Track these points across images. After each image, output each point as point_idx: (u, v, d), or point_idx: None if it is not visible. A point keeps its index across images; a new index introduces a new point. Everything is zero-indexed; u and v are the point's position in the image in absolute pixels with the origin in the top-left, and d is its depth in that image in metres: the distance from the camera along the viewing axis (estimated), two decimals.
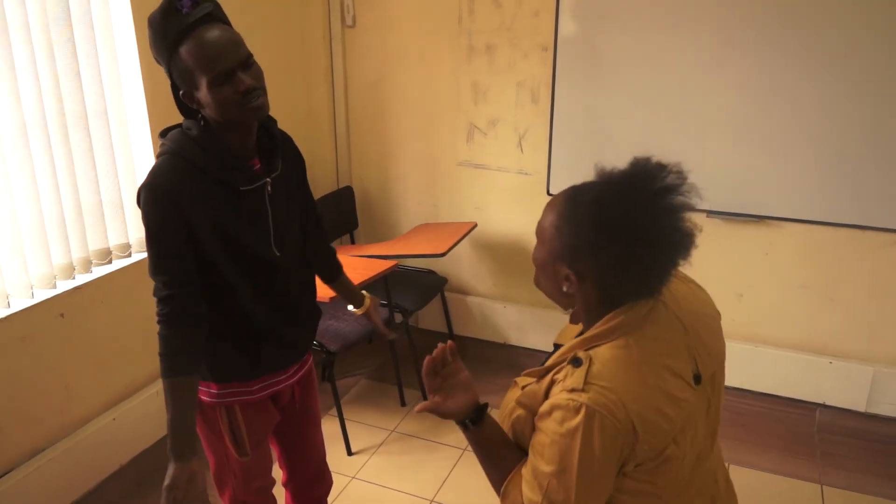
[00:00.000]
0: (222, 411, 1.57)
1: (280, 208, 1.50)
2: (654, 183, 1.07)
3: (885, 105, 2.50)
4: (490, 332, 3.42)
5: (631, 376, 1.06)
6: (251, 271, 1.47)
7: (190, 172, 1.37)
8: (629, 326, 1.10)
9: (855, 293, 2.78)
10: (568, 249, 1.10)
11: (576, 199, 1.11)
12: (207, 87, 1.30)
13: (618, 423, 1.03)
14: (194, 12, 1.29)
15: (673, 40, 2.69)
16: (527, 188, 3.15)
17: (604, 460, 1.04)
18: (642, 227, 1.05)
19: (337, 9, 3.18)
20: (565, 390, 1.05)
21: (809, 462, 2.67)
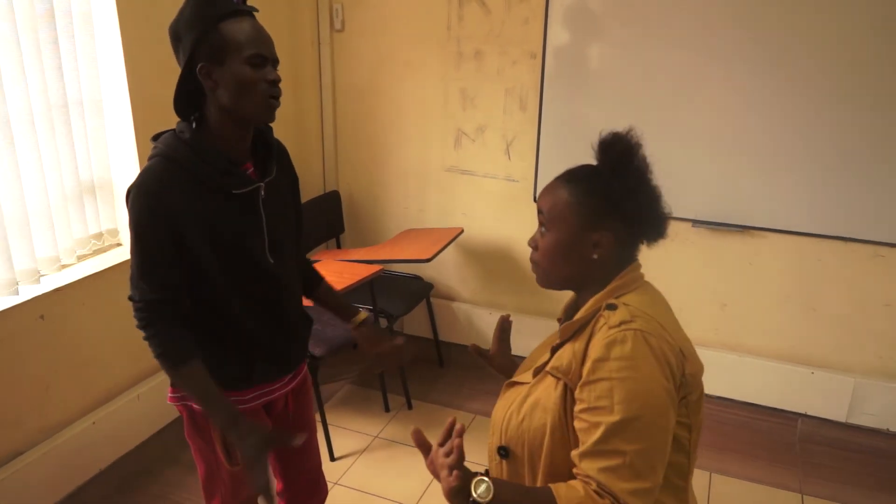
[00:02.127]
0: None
1: (273, 214, 1.48)
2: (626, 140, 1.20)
3: (869, 120, 2.53)
4: (475, 339, 3.42)
5: (663, 312, 1.17)
6: (244, 279, 1.45)
7: (181, 176, 1.36)
8: (643, 279, 1.21)
9: (837, 304, 2.80)
10: (596, 214, 1.17)
11: (577, 177, 1.21)
12: (240, 64, 1.33)
13: (668, 346, 1.09)
14: (244, 5, 1.36)
15: (660, 53, 2.71)
16: (514, 195, 3.16)
17: (668, 379, 1.08)
18: (640, 166, 1.18)
19: (326, 13, 3.18)
20: (612, 327, 1.09)
21: (791, 472, 2.69)
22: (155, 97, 2.48)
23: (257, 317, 1.50)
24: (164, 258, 1.37)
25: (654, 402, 1.06)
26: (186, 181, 1.36)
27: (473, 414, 3.01)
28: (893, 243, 2.63)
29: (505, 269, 3.29)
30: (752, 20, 2.57)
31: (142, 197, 1.35)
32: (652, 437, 1.05)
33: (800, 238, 2.75)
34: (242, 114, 1.38)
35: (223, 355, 1.50)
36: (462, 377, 3.32)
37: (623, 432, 1.04)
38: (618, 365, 1.05)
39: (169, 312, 1.39)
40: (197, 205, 1.37)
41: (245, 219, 1.43)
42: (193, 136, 1.38)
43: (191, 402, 1.54)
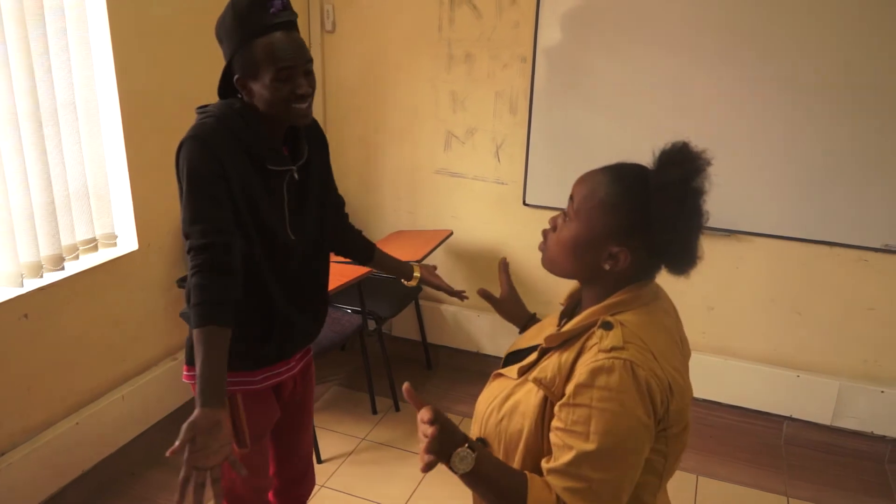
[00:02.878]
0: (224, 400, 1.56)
1: (299, 195, 1.54)
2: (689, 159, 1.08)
3: (854, 126, 2.56)
4: (463, 341, 3.42)
5: (660, 339, 1.09)
6: (270, 248, 1.50)
7: (230, 139, 1.42)
8: (648, 297, 1.14)
9: (822, 308, 2.83)
10: (624, 228, 1.09)
11: (623, 178, 1.11)
12: (270, 82, 1.38)
13: (658, 380, 1.04)
14: (281, 14, 1.38)
15: (649, 56, 2.73)
16: (503, 197, 3.16)
17: (649, 416, 1.03)
18: (694, 193, 1.07)
19: (317, 14, 3.17)
20: (602, 351, 1.04)
21: (776, 474, 2.71)
22: (146, 103, 2.47)
23: (280, 287, 1.54)
24: (218, 201, 1.39)
25: (628, 436, 1.03)
26: (234, 145, 1.42)
27: (461, 416, 3.01)
28: (877, 248, 2.66)
29: (493, 272, 3.26)
30: (741, 26, 2.60)
31: (198, 143, 1.39)
32: (620, 468, 1.04)
33: (786, 242, 2.78)
34: (278, 118, 1.46)
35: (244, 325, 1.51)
36: (450, 380, 3.31)
37: (593, 461, 1.02)
38: (600, 395, 1.02)
39: (224, 261, 1.37)
40: (239, 168, 1.42)
41: (271, 194, 1.49)
42: (243, 107, 1.46)
43: None
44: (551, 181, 3.02)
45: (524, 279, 3.24)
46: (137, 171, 2.50)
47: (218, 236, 1.37)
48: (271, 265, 1.51)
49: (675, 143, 1.10)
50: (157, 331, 2.72)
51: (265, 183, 1.47)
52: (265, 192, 1.47)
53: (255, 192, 1.45)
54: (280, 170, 1.49)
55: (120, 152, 2.46)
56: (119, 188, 2.51)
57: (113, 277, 2.49)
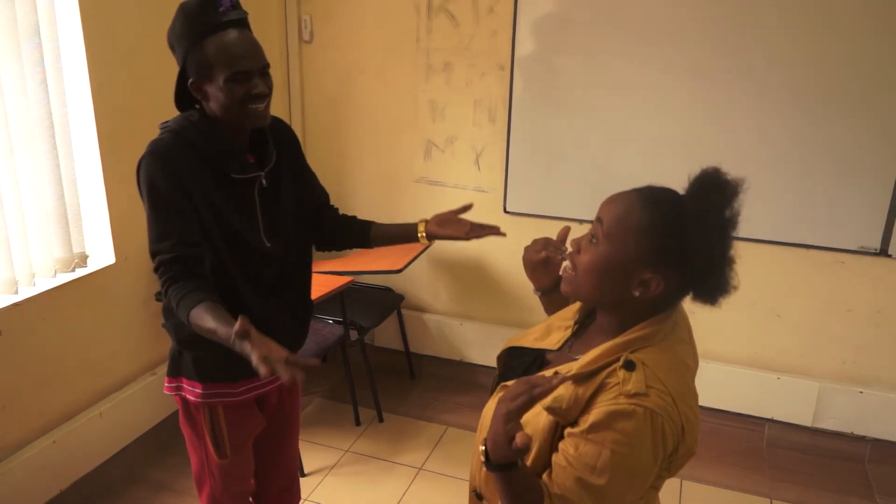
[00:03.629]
0: (205, 411, 1.57)
1: (271, 200, 1.52)
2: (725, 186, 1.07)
3: (829, 130, 2.60)
4: (447, 350, 3.41)
5: (678, 379, 1.08)
6: (243, 259, 1.49)
7: (189, 152, 1.40)
8: (668, 329, 1.11)
9: (801, 310, 2.86)
10: (660, 255, 1.06)
11: (659, 203, 1.08)
12: (223, 83, 1.36)
13: (674, 426, 1.04)
14: (230, 13, 1.37)
15: (627, 63, 2.75)
16: (484, 205, 3.16)
17: (657, 461, 1.05)
18: (729, 222, 1.05)
19: (294, 24, 3.17)
20: (623, 395, 1.02)
21: (759, 477, 2.72)
22: (123, 117, 2.44)
23: (258, 297, 1.52)
24: (181, 214, 1.38)
25: (632, 478, 1.05)
26: (193, 157, 1.40)
27: (445, 426, 2.99)
28: (853, 250, 2.70)
29: (476, 280, 3.29)
30: (717, 34, 2.63)
31: (155, 159, 1.38)
32: (615, 501, 1.06)
33: (764, 246, 2.80)
34: (233, 123, 1.43)
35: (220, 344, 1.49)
36: (434, 389, 3.30)
37: (595, 493, 1.04)
38: (615, 437, 1.02)
39: (196, 270, 1.36)
40: (203, 180, 1.40)
41: (241, 202, 1.47)
42: (201, 118, 1.44)
43: (186, 393, 1.57)
44: (532, 188, 3.03)
45: (506, 287, 3.24)
46: (114, 185, 2.47)
47: (187, 249, 1.36)
48: (246, 274, 1.49)
49: (708, 170, 1.08)
50: (135, 345, 2.68)
51: (232, 192, 1.45)
52: (233, 200, 1.45)
53: (221, 202, 1.42)
54: (246, 177, 1.46)
55: (96, 166, 2.43)
56: (95, 202, 2.47)
57: (89, 292, 2.45)
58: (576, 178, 2.91)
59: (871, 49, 2.49)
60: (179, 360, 1.56)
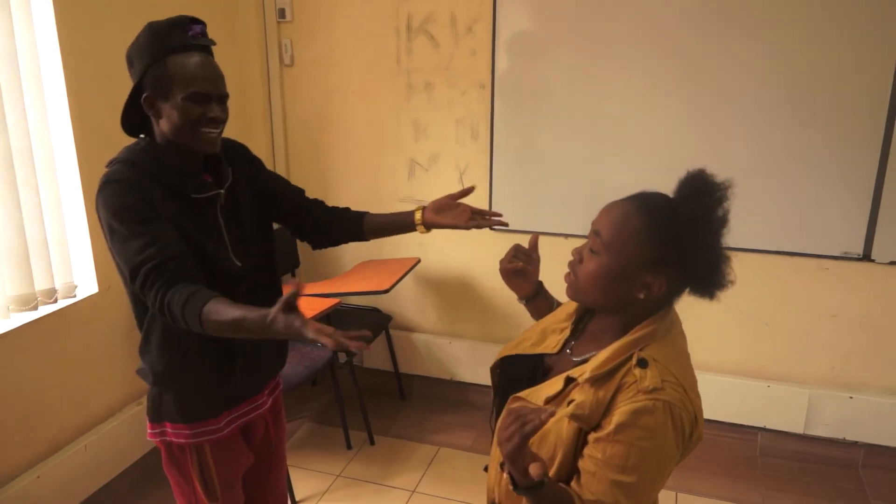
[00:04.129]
0: (192, 453, 1.53)
1: (235, 219, 1.49)
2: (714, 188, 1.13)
3: (811, 138, 2.63)
4: (437, 369, 3.38)
5: (685, 369, 1.15)
6: (216, 281, 1.42)
7: (144, 179, 1.36)
8: (669, 324, 1.17)
9: (788, 318, 2.87)
10: (661, 258, 1.12)
11: (653, 209, 1.13)
12: (180, 100, 1.34)
13: (688, 414, 1.10)
14: (199, 38, 1.36)
15: (606, 76, 2.78)
16: None
17: (679, 449, 1.11)
18: (720, 222, 1.11)
19: (275, 47, 3.17)
20: (642, 392, 1.07)
21: (753, 486, 2.72)
22: (103, 145, 2.43)
23: None
24: (159, 224, 1.32)
25: (661, 469, 1.11)
26: (149, 183, 1.36)
27: (437, 446, 2.97)
28: (837, 256, 2.72)
29: (463, 298, 3.28)
30: (697, 45, 2.66)
31: (113, 186, 1.34)
32: (649, 494, 1.13)
33: (750, 255, 2.82)
34: (183, 145, 1.40)
35: (201, 367, 1.47)
36: (425, 409, 3.27)
37: (627, 492, 1.08)
38: (641, 434, 1.07)
39: (184, 273, 1.29)
40: (166, 203, 1.37)
41: (205, 224, 1.43)
42: (149, 144, 1.41)
43: (170, 437, 1.52)
44: (516, 204, 3.03)
45: (493, 304, 3.23)
46: (96, 214, 2.44)
47: (175, 253, 1.30)
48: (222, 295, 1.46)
49: (695, 173, 1.14)
50: (119, 375, 2.64)
51: (196, 213, 1.41)
52: (199, 222, 1.42)
53: (187, 224, 1.39)
54: (206, 196, 1.43)
55: (77, 194, 2.41)
56: (77, 231, 2.45)
57: (72, 322, 2.42)
58: (560, 193, 2.93)
59: (851, 58, 2.52)
60: (160, 403, 1.50)
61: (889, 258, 2.67)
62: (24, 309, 2.27)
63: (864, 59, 2.51)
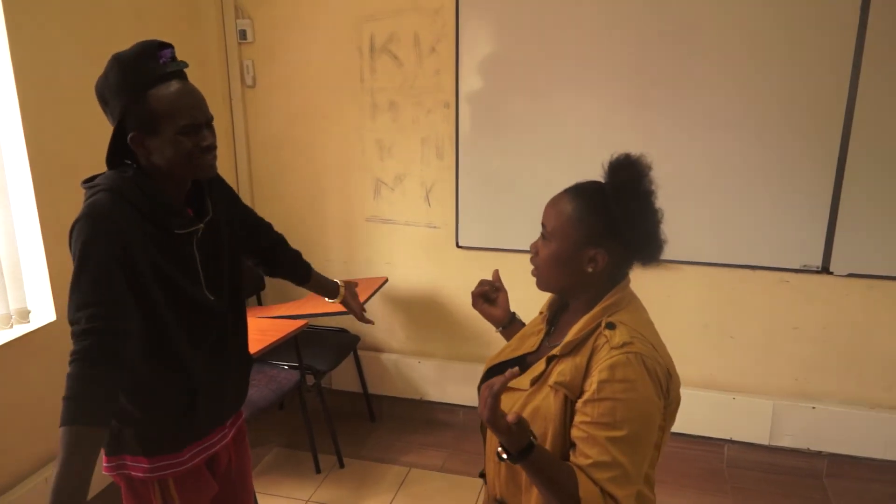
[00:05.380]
0: (155, 487, 1.49)
1: (210, 252, 1.47)
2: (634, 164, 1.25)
3: (771, 151, 2.69)
4: (406, 389, 3.36)
5: (653, 332, 1.27)
6: (187, 316, 1.43)
7: (128, 210, 1.33)
8: (631, 296, 1.30)
9: (751, 330, 2.92)
10: (595, 232, 1.24)
11: (583, 193, 1.28)
12: (173, 135, 1.31)
13: (660, 367, 1.21)
14: (171, 65, 1.32)
15: (567, 94, 2.81)
16: (436, 241, 3.16)
17: (659, 397, 1.19)
18: (645, 192, 1.24)
19: (236, 69, 3.15)
20: (614, 348, 1.18)
21: (722, 498, 2.74)
22: (59, 168, 2.38)
23: (200, 355, 1.46)
24: (112, 284, 1.28)
25: (647, 419, 1.19)
26: (133, 215, 1.33)
27: (408, 467, 2.94)
28: (796, 269, 2.78)
29: (432, 316, 3.27)
30: (654, 66, 2.71)
31: (93, 221, 1.30)
32: (643, 448, 1.19)
33: (713, 269, 2.87)
34: (181, 175, 1.38)
35: (166, 399, 1.45)
36: (394, 430, 3.24)
37: (621, 447, 1.16)
38: (621, 386, 1.16)
39: (111, 349, 1.25)
40: (144, 239, 1.34)
41: (181, 258, 1.41)
42: (136, 174, 1.37)
43: (129, 471, 1.48)
44: (483, 221, 3.05)
45: (462, 323, 3.23)
46: (53, 238, 2.38)
47: (107, 322, 1.25)
48: (188, 333, 1.44)
49: (618, 155, 1.27)
50: None
51: (172, 248, 1.40)
52: (174, 257, 1.40)
53: (162, 260, 1.37)
54: (187, 232, 1.42)
55: (33, 219, 2.35)
56: (32, 257, 2.39)
57: (29, 351, 2.35)
58: (526, 210, 2.94)
59: (806, 71, 2.59)
60: (119, 436, 1.46)
61: (847, 270, 2.73)
62: None
63: (819, 72, 2.58)
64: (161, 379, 1.44)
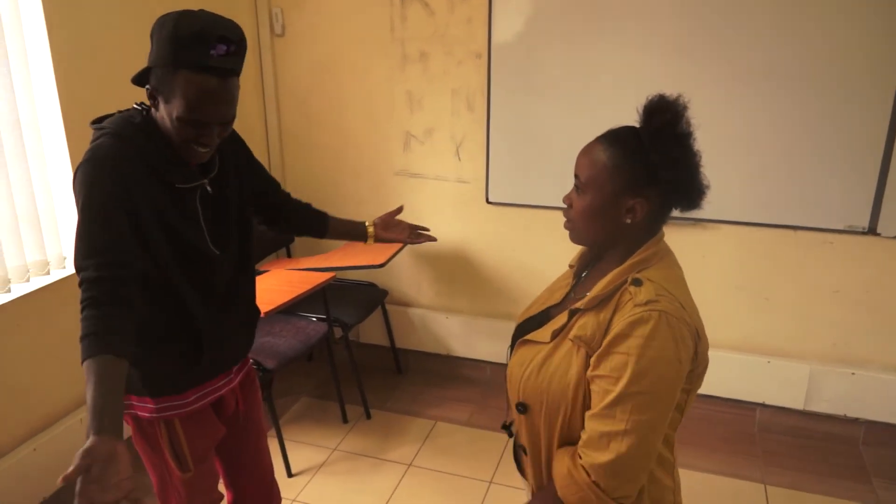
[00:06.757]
0: (161, 426, 1.51)
1: (215, 207, 1.46)
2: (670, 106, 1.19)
3: (813, 108, 2.55)
4: (433, 344, 3.36)
5: (683, 291, 1.21)
6: (192, 267, 1.42)
7: (133, 157, 1.31)
8: (664, 252, 1.24)
9: (789, 293, 2.82)
10: (632, 180, 1.18)
11: (617, 140, 1.21)
12: (177, 119, 1.28)
13: (688, 327, 1.15)
14: (220, 61, 1.25)
15: (605, 46, 2.70)
16: (465, 196, 3.12)
17: (681, 361, 1.14)
18: (683, 134, 1.18)
19: (265, 17, 3.11)
20: (638, 305, 1.14)
21: (752, 462, 2.69)
22: (91, 117, 2.39)
23: (206, 305, 1.46)
24: (114, 230, 1.26)
25: (662, 380, 1.13)
26: (137, 163, 1.31)
27: (434, 420, 2.96)
28: (840, 230, 2.66)
29: (459, 272, 3.25)
30: (698, 14, 2.58)
31: (96, 166, 1.28)
32: (655, 410, 1.14)
33: (751, 228, 2.76)
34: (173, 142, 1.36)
35: (168, 349, 1.46)
36: (421, 384, 3.26)
37: (627, 403, 1.11)
38: (637, 343, 1.11)
39: (119, 294, 1.24)
40: (147, 187, 1.32)
41: (185, 210, 1.40)
42: (144, 121, 1.35)
43: (136, 410, 1.50)
44: (514, 177, 2.98)
45: (489, 279, 3.20)
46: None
47: (114, 269, 1.24)
48: (194, 283, 1.43)
49: (652, 97, 1.20)
50: None
51: (176, 200, 1.37)
52: (178, 209, 1.38)
53: (167, 210, 1.35)
54: (190, 187, 1.39)
55: (66, 168, 2.38)
56: (67, 206, 2.42)
57: (65, 296, 2.40)
58: (558, 165, 2.87)
59: (854, 28, 2.44)
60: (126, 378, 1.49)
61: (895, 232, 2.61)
62: (20, 281, 2.27)
63: (873, 19, 2.42)
64: (166, 325, 1.44)
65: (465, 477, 2.61)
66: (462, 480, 2.59)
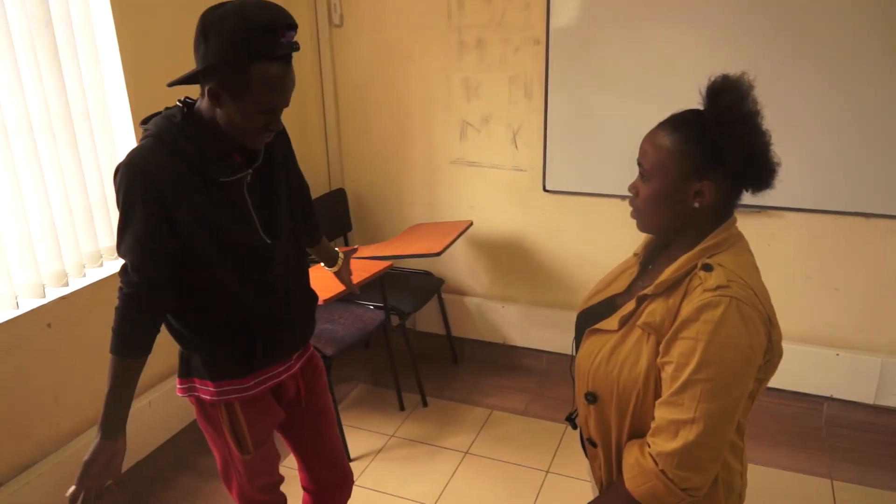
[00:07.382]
0: (222, 409, 1.55)
1: (263, 196, 1.47)
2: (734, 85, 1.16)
3: (885, 94, 2.45)
4: (489, 333, 3.36)
5: (755, 277, 1.18)
6: (243, 261, 1.44)
7: (172, 160, 1.33)
8: (736, 237, 1.21)
9: (859, 282, 2.72)
10: (698, 164, 1.15)
11: (681, 124, 1.18)
12: (252, 110, 1.31)
13: (760, 314, 1.12)
14: (289, 48, 1.30)
15: (665, 32, 2.64)
16: (522, 185, 3.10)
17: (753, 349, 1.11)
18: (749, 113, 1.15)
19: (324, 8, 3.14)
20: (708, 290, 1.11)
21: (818, 457, 2.62)
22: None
23: (259, 296, 1.49)
24: (154, 241, 1.33)
25: (730, 368, 1.09)
26: (177, 164, 1.34)
27: (490, 409, 2.96)
28: None
29: (516, 261, 3.23)
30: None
31: (133, 175, 1.32)
32: (724, 399, 1.10)
33: (819, 216, 2.68)
34: (231, 135, 1.37)
35: (225, 338, 1.50)
36: (477, 373, 3.27)
37: (696, 390, 1.09)
38: (705, 328, 1.09)
39: (146, 301, 1.36)
40: (188, 189, 1.35)
41: (232, 204, 1.42)
42: (185, 120, 1.37)
43: (199, 392, 1.55)
44: (571, 165, 2.95)
45: (546, 268, 3.18)
46: None
47: (150, 279, 1.34)
48: (245, 278, 1.45)
49: (716, 78, 1.17)
50: None
51: (222, 194, 1.39)
52: (225, 202, 1.40)
53: (210, 208, 1.37)
54: (234, 179, 1.40)
55: None
56: None
57: None
58: (616, 154, 2.82)
59: None
60: (189, 361, 1.54)
61: None
62: (93, 266, 2.35)
63: None
64: (221, 319, 1.47)
65: (522, 466, 2.60)
66: (519, 469, 2.59)
